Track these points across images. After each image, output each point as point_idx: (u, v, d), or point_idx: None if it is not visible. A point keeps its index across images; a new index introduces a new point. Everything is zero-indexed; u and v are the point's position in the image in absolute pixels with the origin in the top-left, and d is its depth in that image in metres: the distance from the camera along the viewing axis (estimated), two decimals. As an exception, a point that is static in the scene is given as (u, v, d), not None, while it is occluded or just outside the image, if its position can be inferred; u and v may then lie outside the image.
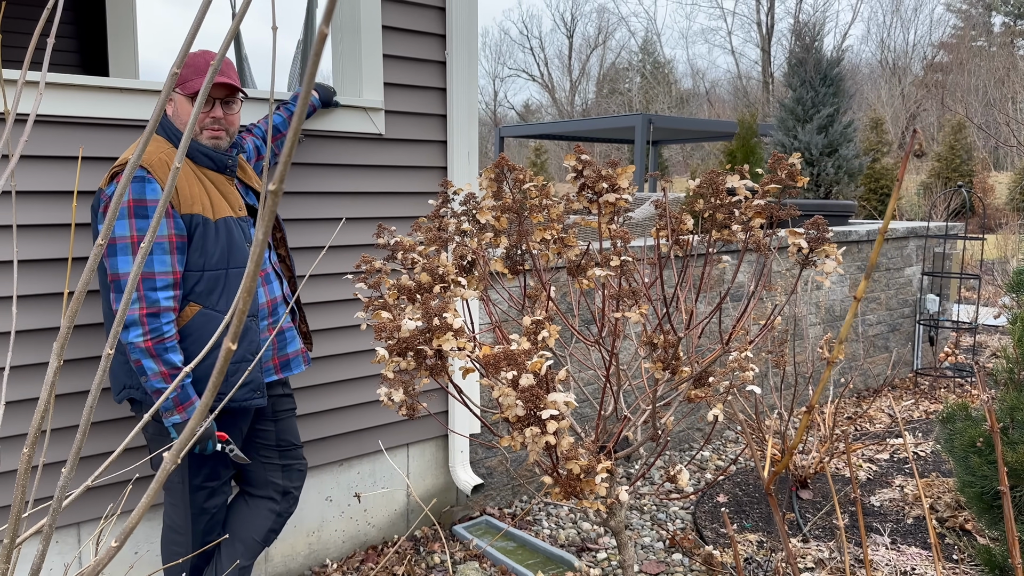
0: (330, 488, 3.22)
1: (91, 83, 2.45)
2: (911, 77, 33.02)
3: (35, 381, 2.45)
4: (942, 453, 4.43)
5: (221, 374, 0.70)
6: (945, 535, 3.43)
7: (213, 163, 2.26)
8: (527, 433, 1.46)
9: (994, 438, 1.52)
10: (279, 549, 3.10)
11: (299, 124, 0.59)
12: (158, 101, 0.75)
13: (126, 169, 0.79)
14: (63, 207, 2.45)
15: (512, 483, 3.86)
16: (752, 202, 1.67)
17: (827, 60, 6.54)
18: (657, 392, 1.85)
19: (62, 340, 0.80)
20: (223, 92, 2.22)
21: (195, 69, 2.20)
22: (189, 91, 2.19)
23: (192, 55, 2.22)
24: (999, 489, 2.06)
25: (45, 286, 2.44)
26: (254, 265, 0.62)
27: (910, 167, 24.62)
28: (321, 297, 3.04)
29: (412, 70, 3.25)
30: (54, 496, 0.89)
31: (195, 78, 2.19)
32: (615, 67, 41.87)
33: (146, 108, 2.56)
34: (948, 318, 6.34)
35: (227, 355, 0.67)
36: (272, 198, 0.61)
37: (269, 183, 0.62)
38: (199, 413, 0.73)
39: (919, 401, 5.57)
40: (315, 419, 3.10)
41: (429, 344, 1.60)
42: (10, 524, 0.85)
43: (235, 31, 0.76)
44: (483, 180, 1.78)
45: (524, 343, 1.50)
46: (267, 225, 0.62)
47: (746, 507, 3.85)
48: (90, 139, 2.48)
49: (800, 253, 1.65)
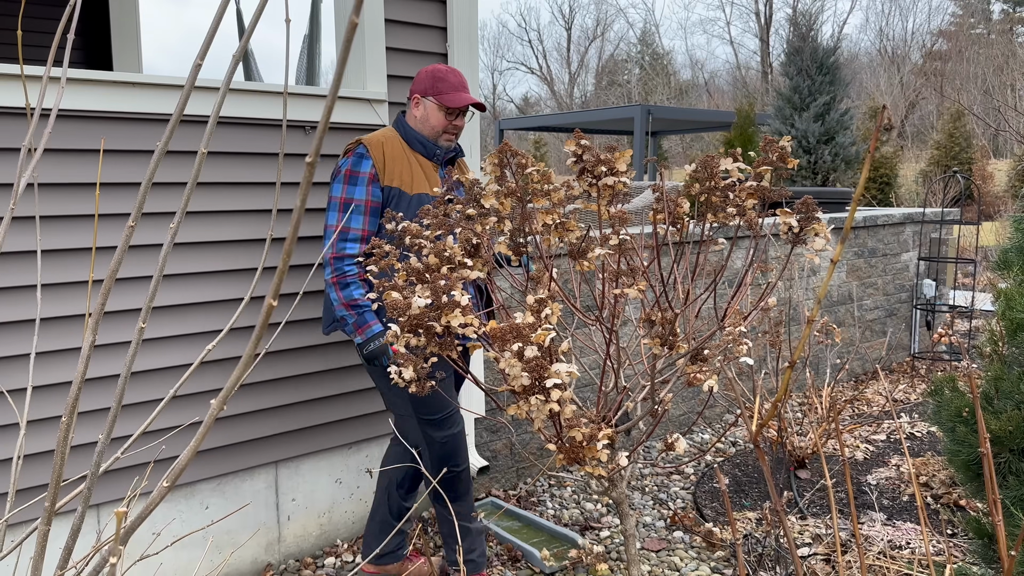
0: (340, 471, 3.31)
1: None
2: (910, 65, 33.03)
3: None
4: (936, 431, 4.50)
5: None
6: (940, 511, 3.52)
7: (424, 150, 2.70)
8: (532, 401, 1.55)
9: (974, 404, 1.60)
10: (292, 530, 3.20)
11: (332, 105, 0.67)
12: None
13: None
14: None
15: (517, 466, 3.95)
16: (745, 184, 1.75)
17: (823, 49, 6.61)
18: (656, 367, 1.94)
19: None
20: (470, 109, 2.72)
21: (450, 85, 2.65)
22: (445, 103, 2.63)
23: (444, 71, 2.67)
24: (979, 455, 2.14)
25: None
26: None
27: (911, 156, 24.66)
28: (307, 287, 3.13)
29: (414, 62, 3.32)
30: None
31: (450, 92, 2.65)
32: (614, 59, 41.89)
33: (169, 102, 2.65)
34: (945, 303, 6.42)
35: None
36: (308, 169, 0.69)
37: (307, 156, 0.70)
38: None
39: (915, 384, 5.66)
40: (325, 403, 3.18)
41: (438, 321, 1.69)
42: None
43: (252, 30, 0.84)
44: (487, 166, 1.86)
45: (529, 317, 1.58)
46: (305, 193, 0.70)
47: (745, 487, 3.94)
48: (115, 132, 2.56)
49: (791, 232, 1.74)
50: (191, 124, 2.74)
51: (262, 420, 3.03)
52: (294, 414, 3.11)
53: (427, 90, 2.66)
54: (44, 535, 1.04)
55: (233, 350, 2.90)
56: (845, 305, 5.79)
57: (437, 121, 2.67)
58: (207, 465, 2.91)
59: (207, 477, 2.92)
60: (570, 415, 1.58)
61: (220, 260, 2.87)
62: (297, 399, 3.10)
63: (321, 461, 3.24)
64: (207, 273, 2.85)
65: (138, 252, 2.68)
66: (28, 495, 2.56)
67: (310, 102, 3.04)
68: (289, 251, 0.71)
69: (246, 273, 2.94)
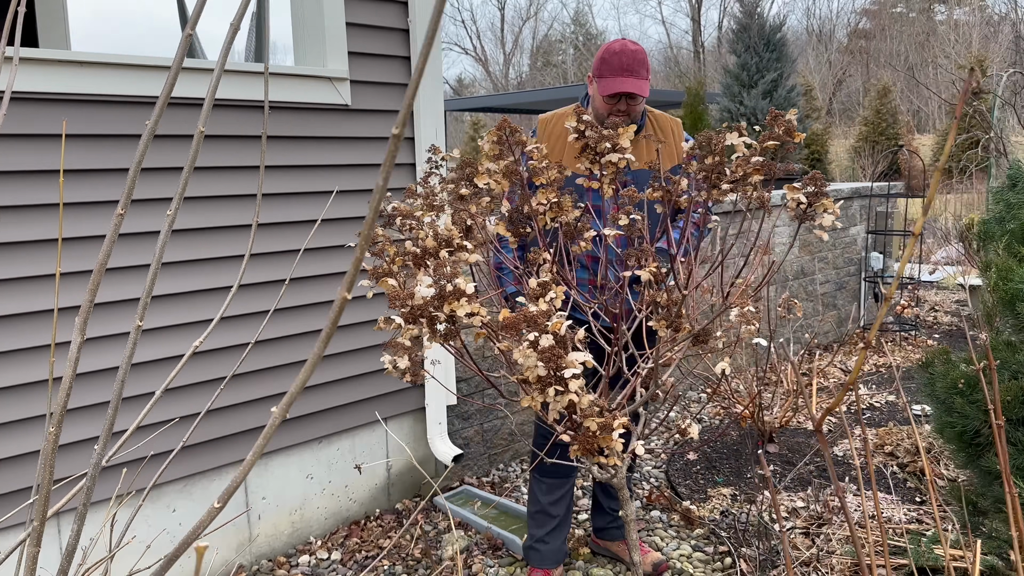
0: (311, 466, 3.19)
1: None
2: (836, 44, 33.84)
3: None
4: (897, 401, 4.58)
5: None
6: (907, 479, 3.59)
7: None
8: (549, 392, 1.47)
9: (991, 373, 1.59)
10: (263, 529, 3.07)
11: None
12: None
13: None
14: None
15: (489, 452, 3.88)
16: (751, 159, 1.70)
17: (770, 25, 6.66)
18: (659, 351, 1.88)
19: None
20: (628, 96, 2.46)
21: (609, 68, 2.44)
22: (600, 89, 2.45)
23: (613, 51, 2.45)
24: (976, 427, 2.16)
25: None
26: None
27: (839, 132, 25.31)
28: (294, 273, 2.99)
29: (376, 38, 3.19)
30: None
31: (607, 76, 2.44)
32: (548, 39, 41.77)
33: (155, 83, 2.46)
34: (891, 275, 6.58)
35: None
36: (393, 140, 0.60)
37: (393, 127, 0.60)
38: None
39: (868, 355, 5.79)
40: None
41: (440, 310, 1.60)
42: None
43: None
44: (485, 144, 1.76)
45: (542, 305, 1.51)
46: (389, 168, 0.60)
47: (716, 463, 3.96)
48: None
49: (799, 208, 1.69)
50: (137, 106, 2.57)
51: (229, 417, 2.88)
52: (262, 410, 2.97)
53: (595, 70, 2.50)
54: (33, 558, 0.93)
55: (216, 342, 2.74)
56: (799, 280, 5.87)
57: (600, 105, 2.51)
58: (173, 466, 2.76)
59: (174, 479, 2.77)
60: (587, 405, 1.51)
61: (191, 249, 2.71)
62: (263, 394, 2.96)
63: (291, 457, 3.12)
64: (182, 263, 2.69)
65: (91, 243, 2.50)
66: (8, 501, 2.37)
67: (261, 80, 2.88)
68: (367, 236, 0.62)
69: (222, 262, 2.78)
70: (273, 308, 1.39)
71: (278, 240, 2.94)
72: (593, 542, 3.11)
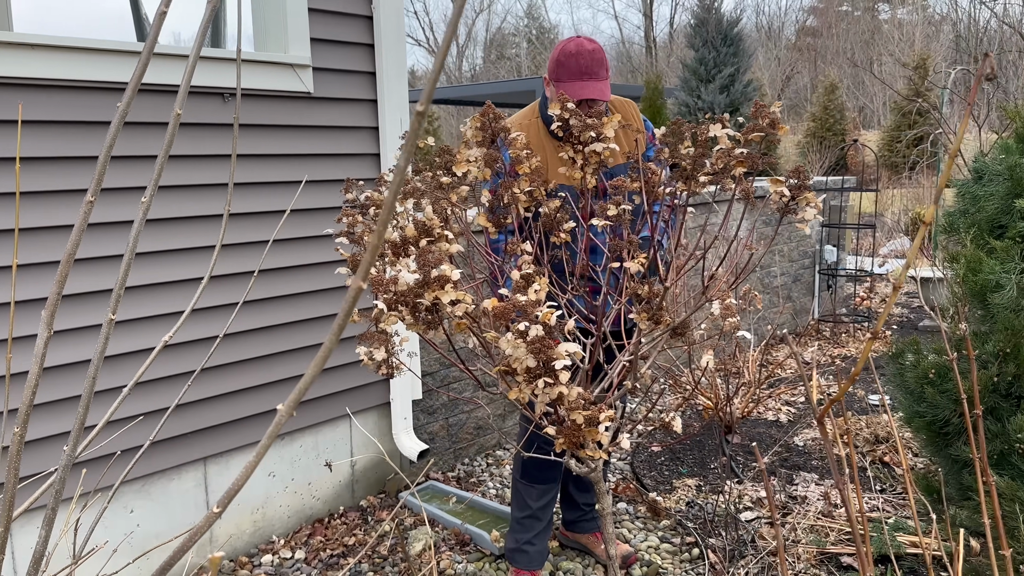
0: (273, 463, 3.11)
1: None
2: (785, 41, 34.45)
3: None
4: (859, 392, 4.68)
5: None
6: (866, 468, 3.66)
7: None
8: (539, 384, 1.44)
9: (971, 366, 1.60)
10: (224, 529, 2.98)
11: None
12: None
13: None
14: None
15: (455, 447, 3.84)
16: (734, 151, 1.69)
17: (727, 20, 6.73)
18: (640, 343, 1.87)
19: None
20: (586, 102, 2.32)
21: (568, 71, 2.31)
22: (560, 92, 2.30)
23: (569, 51, 2.31)
24: (945, 416, 2.20)
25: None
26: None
27: (788, 127, 25.77)
28: (263, 265, 2.90)
29: (339, 24, 3.11)
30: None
31: (566, 81, 2.32)
32: (501, 32, 41.68)
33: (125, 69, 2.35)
34: (844, 267, 6.71)
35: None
36: (417, 118, 0.56)
37: (418, 105, 0.56)
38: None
39: (823, 346, 5.89)
40: (256, 393, 2.97)
41: (424, 297, 1.55)
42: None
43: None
44: (469, 131, 1.72)
45: (531, 295, 1.47)
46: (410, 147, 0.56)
47: (680, 454, 3.98)
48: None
49: (782, 200, 1.69)
50: (92, 91, 2.46)
51: (189, 414, 2.79)
52: (221, 406, 2.88)
53: (551, 73, 2.37)
54: None
55: (186, 335, 2.65)
56: (756, 273, 5.94)
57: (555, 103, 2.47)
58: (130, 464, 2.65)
59: (132, 478, 2.67)
60: (575, 397, 1.49)
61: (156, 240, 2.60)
62: (224, 390, 2.87)
63: (252, 454, 3.02)
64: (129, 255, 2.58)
65: (57, 233, 2.39)
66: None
67: (222, 66, 2.78)
68: (383, 231, 0.58)
69: (188, 253, 2.68)
70: (242, 301, 1.33)
71: (244, 231, 2.85)
72: (562, 534, 3.10)
